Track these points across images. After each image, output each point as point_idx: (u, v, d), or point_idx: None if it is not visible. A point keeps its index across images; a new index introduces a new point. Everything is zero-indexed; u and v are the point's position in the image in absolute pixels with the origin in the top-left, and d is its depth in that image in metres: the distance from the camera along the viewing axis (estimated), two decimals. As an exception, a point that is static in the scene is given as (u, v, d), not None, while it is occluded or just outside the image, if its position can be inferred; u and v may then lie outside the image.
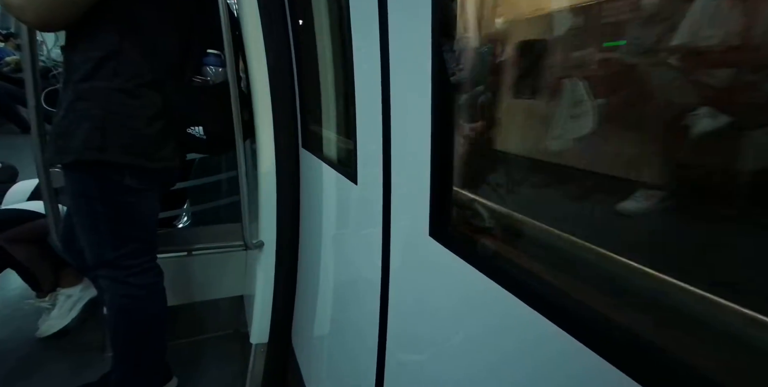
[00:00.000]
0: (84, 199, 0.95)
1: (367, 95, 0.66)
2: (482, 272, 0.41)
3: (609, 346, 0.29)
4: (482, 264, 0.41)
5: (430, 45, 0.45)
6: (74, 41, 0.90)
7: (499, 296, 0.38)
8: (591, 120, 0.36)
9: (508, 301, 0.37)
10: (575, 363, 0.32)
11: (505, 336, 0.39)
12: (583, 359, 0.30)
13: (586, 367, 0.30)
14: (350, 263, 0.87)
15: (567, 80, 0.38)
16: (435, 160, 0.47)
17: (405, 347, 0.61)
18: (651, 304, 0.31)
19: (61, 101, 0.92)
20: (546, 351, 0.35)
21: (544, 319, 0.34)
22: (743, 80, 0.26)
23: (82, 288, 1.56)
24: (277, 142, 1.16)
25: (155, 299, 1.07)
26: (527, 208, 0.42)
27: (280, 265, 1.24)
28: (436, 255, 0.48)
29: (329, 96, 0.97)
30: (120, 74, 0.90)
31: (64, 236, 1.11)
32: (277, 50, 1.08)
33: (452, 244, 0.45)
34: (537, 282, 0.37)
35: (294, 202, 1.21)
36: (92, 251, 0.99)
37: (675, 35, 0.29)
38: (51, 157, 0.94)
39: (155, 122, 0.95)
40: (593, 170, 0.37)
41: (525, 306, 0.36)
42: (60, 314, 1.50)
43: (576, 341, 0.31)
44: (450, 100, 0.46)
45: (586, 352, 0.30)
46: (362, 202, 0.76)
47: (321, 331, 1.05)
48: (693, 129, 0.28)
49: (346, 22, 0.69)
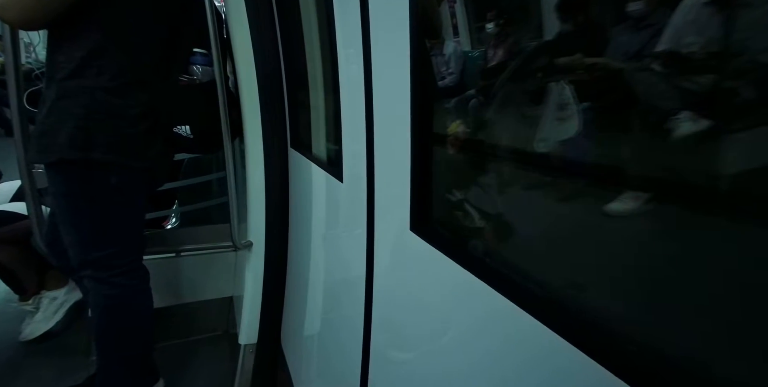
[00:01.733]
0: (67, 199, 0.94)
1: (351, 95, 0.67)
2: (462, 266, 0.42)
3: (589, 341, 0.29)
4: (462, 258, 0.42)
5: (408, 48, 0.46)
6: (57, 40, 0.90)
7: (479, 290, 0.39)
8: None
9: (489, 294, 0.38)
10: (556, 357, 0.32)
11: (487, 329, 0.40)
12: (564, 353, 0.31)
13: (567, 362, 0.31)
14: (336, 261, 0.87)
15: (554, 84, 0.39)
16: (415, 157, 0.48)
17: (389, 343, 0.61)
18: (632, 298, 0.31)
19: (45, 100, 0.91)
20: (526, 344, 0.35)
21: (524, 313, 0.34)
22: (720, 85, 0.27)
23: (67, 290, 1.53)
24: (265, 141, 1.16)
25: (140, 300, 1.06)
26: (506, 204, 0.43)
27: (268, 265, 1.24)
28: (417, 249, 0.49)
29: (316, 94, 0.98)
30: (104, 73, 0.89)
31: (47, 237, 1.10)
32: (265, 50, 1.09)
33: (433, 239, 0.46)
34: (516, 275, 0.38)
35: (283, 202, 1.21)
36: (76, 251, 0.97)
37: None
38: (34, 157, 0.93)
39: (141, 121, 0.95)
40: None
41: (505, 299, 0.36)
42: (44, 317, 1.47)
43: (556, 335, 0.31)
44: (428, 101, 0.47)
45: (566, 347, 0.30)
46: (348, 199, 0.77)
47: (309, 330, 1.05)
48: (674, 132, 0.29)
49: (332, 24, 0.70)
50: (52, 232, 1.06)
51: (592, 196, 0.35)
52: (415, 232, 0.49)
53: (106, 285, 0.98)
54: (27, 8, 0.80)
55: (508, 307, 0.36)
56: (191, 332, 1.55)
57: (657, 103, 0.32)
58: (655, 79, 0.32)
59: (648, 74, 0.32)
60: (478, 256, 0.43)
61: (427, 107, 0.46)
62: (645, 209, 0.31)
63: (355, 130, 0.66)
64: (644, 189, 0.31)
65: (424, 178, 0.48)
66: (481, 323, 0.40)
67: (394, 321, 0.59)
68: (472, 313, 0.42)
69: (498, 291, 0.37)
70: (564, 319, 0.32)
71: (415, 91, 0.46)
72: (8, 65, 1.02)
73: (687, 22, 0.29)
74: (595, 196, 0.34)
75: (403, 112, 0.48)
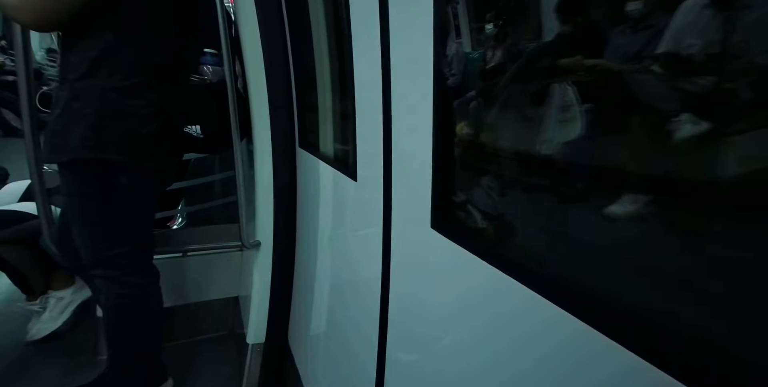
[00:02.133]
0: (80, 198, 0.94)
1: (366, 92, 0.67)
2: (486, 261, 0.42)
3: (616, 326, 0.30)
4: (486, 253, 0.42)
5: (432, 42, 0.46)
6: (71, 40, 0.90)
7: (505, 284, 0.39)
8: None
9: (515, 288, 0.38)
10: (583, 345, 0.32)
11: (515, 324, 0.40)
12: (593, 341, 0.31)
13: (595, 349, 0.31)
14: (349, 259, 0.87)
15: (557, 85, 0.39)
16: (437, 154, 0.49)
17: (407, 343, 0.61)
18: (656, 286, 0.31)
19: (58, 100, 0.91)
20: (555, 335, 0.35)
21: (551, 304, 0.35)
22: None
23: (74, 290, 1.53)
24: (274, 141, 1.16)
25: (151, 299, 1.06)
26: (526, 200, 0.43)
27: (276, 264, 1.24)
28: (439, 247, 0.49)
29: (326, 94, 0.99)
30: (116, 73, 0.89)
31: (58, 236, 1.10)
32: (273, 49, 1.09)
33: (456, 235, 0.47)
34: (541, 267, 0.38)
35: (291, 201, 1.21)
36: (88, 250, 0.98)
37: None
38: (47, 157, 0.94)
39: (152, 121, 0.95)
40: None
41: (531, 292, 0.37)
42: (51, 317, 1.47)
43: (584, 324, 0.32)
44: (453, 93, 0.47)
45: (594, 334, 0.31)
46: (362, 198, 0.77)
47: (318, 330, 1.05)
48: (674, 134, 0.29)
49: (346, 18, 0.70)
50: (63, 232, 1.06)
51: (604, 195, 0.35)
52: (436, 229, 0.50)
53: (118, 284, 0.99)
54: (42, 9, 0.81)
55: (536, 298, 0.36)
56: (196, 332, 1.55)
57: (657, 104, 0.32)
58: (655, 81, 0.32)
59: (648, 76, 0.33)
60: (502, 250, 0.43)
61: (450, 104, 0.47)
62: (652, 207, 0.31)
63: (370, 129, 0.66)
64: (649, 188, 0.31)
65: (446, 176, 0.48)
66: (507, 318, 0.41)
67: (413, 320, 0.59)
68: (498, 308, 0.42)
69: (524, 284, 0.38)
70: (593, 308, 0.32)
71: (437, 89, 0.46)
72: (19, 66, 1.03)
73: (687, 23, 0.29)
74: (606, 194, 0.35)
75: (425, 109, 0.49)
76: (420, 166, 0.52)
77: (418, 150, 0.52)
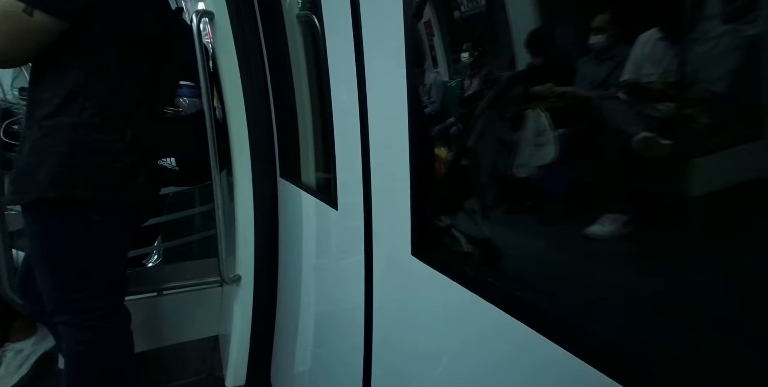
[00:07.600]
0: (45, 241, 0.89)
1: (345, 120, 0.68)
2: (466, 287, 0.41)
3: (594, 351, 0.30)
4: (465, 279, 0.42)
5: (405, 74, 0.48)
6: (39, 77, 0.89)
7: (486, 311, 0.38)
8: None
9: (496, 315, 0.37)
10: (561, 370, 0.32)
11: (494, 348, 0.39)
12: (569, 366, 0.31)
13: (572, 374, 0.31)
14: (332, 290, 0.84)
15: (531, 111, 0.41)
16: (414, 181, 0.49)
17: (392, 374, 0.58)
18: (631, 310, 0.32)
19: (25, 138, 0.88)
20: (533, 360, 0.35)
21: (529, 329, 0.34)
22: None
23: (35, 341, 1.41)
24: (254, 171, 1.15)
25: (120, 345, 0.98)
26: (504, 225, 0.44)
27: (258, 299, 1.19)
28: (420, 274, 0.48)
29: (307, 123, 0.99)
30: (87, 109, 0.88)
31: (21, 281, 1.03)
32: (252, 80, 1.11)
33: (436, 262, 0.46)
34: (520, 292, 0.38)
35: (272, 233, 1.18)
36: (51, 295, 0.91)
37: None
38: (10, 198, 0.89)
39: (125, 155, 0.93)
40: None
41: (509, 317, 0.36)
42: (8, 372, 1.34)
43: (562, 350, 0.31)
44: (427, 127, 0.48)
45: (571, 359, 0.31)
46: (343, 227, 0.76)
47: (303, 367, 0.99)
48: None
49: (323, 48, 0.72)
50: (27, 276, 0.99)
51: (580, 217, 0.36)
52: (417, 256, 0.49)
53: (83, 330, 0.91)
54: (1, 45, 0.80)
55: (514, 324, 0.36)
56: (173, 377, 1.44)
57: (623, 127, 0.34)
58: (621, 107, 0.35)
59: (613, 102, 0.35)
60: (482, 276, 0.42)
61: (426, 133, 0.47)
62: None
63: (349, 158, 0.66)
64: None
65: (424, 204, 0.48)
66: (489, 342, 0.40)
67: (397, 348, 0.57)
68: (479, 333, 0.41)
69: (505, 311, 0.37)
70: (572, 334, 0.32)
71: (413, 118, 0.47)
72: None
73: (645, 54, 0.32)
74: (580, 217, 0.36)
75: (401, 139, 0.49)
76: (399, 194, 0.51)
77: (397, 178, 0.52)
